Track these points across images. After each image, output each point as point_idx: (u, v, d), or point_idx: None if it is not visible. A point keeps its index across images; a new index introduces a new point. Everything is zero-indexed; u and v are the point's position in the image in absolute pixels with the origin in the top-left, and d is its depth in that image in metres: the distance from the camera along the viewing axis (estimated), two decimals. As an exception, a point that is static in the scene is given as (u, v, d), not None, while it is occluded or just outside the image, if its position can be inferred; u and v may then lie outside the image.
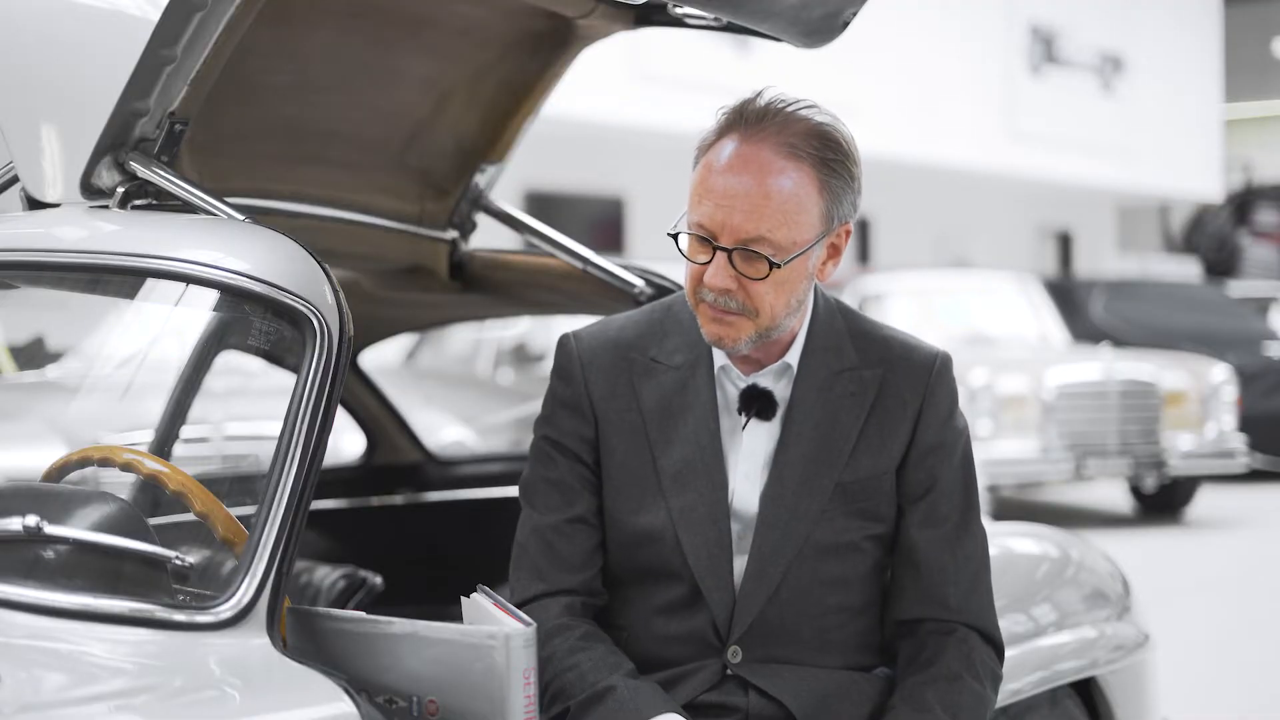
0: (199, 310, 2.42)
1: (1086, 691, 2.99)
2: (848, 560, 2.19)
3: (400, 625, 1.99)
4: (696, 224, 2.11)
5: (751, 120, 2.11)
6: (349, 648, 2.01)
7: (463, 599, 2.05)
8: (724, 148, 2.11)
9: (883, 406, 2.21)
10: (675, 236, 2.14)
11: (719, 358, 2.22)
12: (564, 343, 2.27)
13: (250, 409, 4.09)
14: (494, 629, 1.92)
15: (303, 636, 2.03)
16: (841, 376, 2.21)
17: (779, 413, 2.20)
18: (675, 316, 2.27)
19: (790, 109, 2.12)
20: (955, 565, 2.22)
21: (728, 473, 2.19)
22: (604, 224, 16.20)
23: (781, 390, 2.21)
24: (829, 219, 2.14)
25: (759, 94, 2.14)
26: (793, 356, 2.21)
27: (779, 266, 2.09)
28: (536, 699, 1.93)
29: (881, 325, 2.30)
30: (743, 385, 2.21)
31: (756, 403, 2.19)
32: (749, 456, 2.20)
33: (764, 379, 2.21)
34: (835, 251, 2.19)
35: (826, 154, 2.11)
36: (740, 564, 2.17)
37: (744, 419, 2.20)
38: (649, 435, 2.20)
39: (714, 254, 2.10)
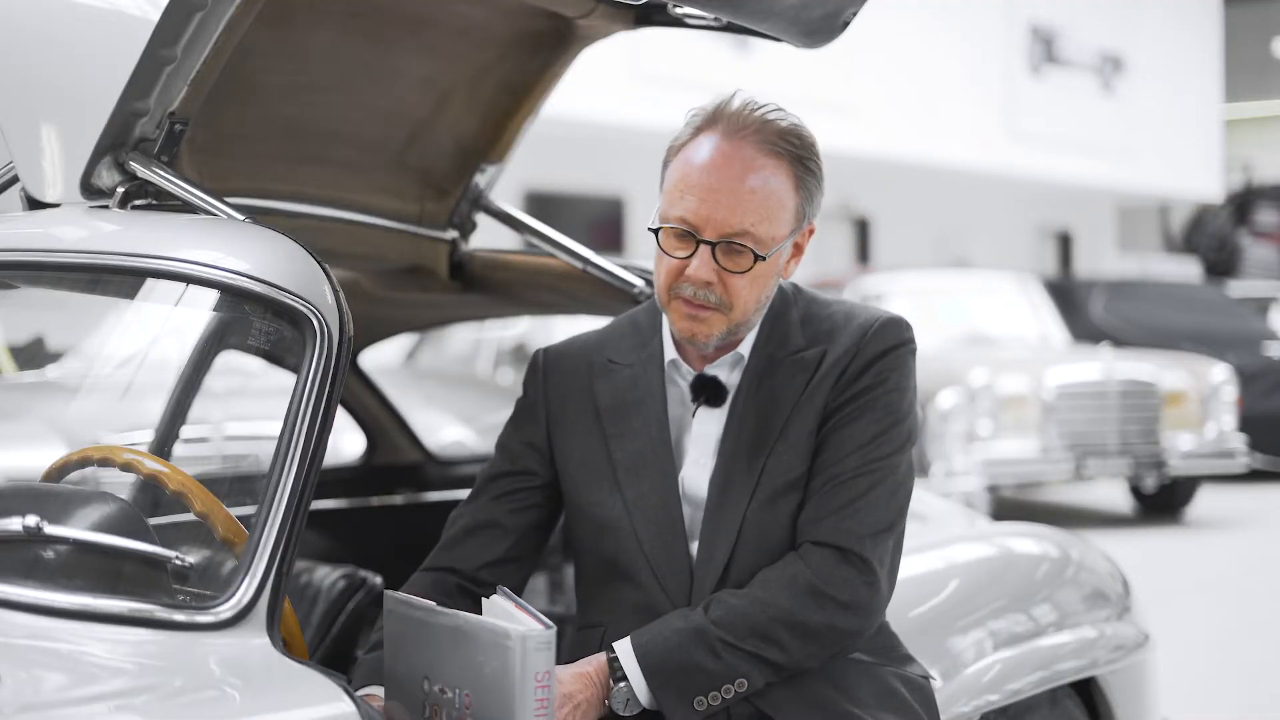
0: (199, 310, 2.42)
1: (1086, 691, 3.00)
2: (792, 533, 2.20)
3: (448, 617, 2.00)
4: (679, 218, 2.16)
5: (731, 119, 2.18)
6: (416, 634, 2.02)
7: (483, 599, 2.05)
8: (702, 145, 2.17)
9: (819, 377, 2.23)
10: (656, 232, 2.19)
11: (668, 353, 2.28)
12: (534, 356, 2.39)
13: (250, 409, 4.09)
14: (510, 628, 1.93)
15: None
16: (785, 362, 2.25)
17: (728, 400, 2.25)
18: (635, 321, 2.38)
19: (763, 110, 2.19)
20: (823, 493, 2.17)
21: (680, 461, 2.25)
22: (604, 224, 16.20)
23: (733, 380, 2.26)
24: (800, 217, 2.22)
25: (733, 95, 2.21)
26: (745, 347, 2.27)
27: (763, 259, 2.15)
28: (551, 701, 1.93)
29: (832, 302, 2.32)
30: (691, 377, 2.26)
31: (705, 390, 2.25)
32: (699, 443, 2.25)
33: (717, 369, 2.26)
34: (798, 250, 2.26)
35: (802, 153, 2.19)
36: (695, 548, 2.22)
37: (694, 407, 2.25)
38: (604, 431, 2.28)
39: (695, 248, 2.15)
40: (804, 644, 2.12)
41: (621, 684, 2.09)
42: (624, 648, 2.10)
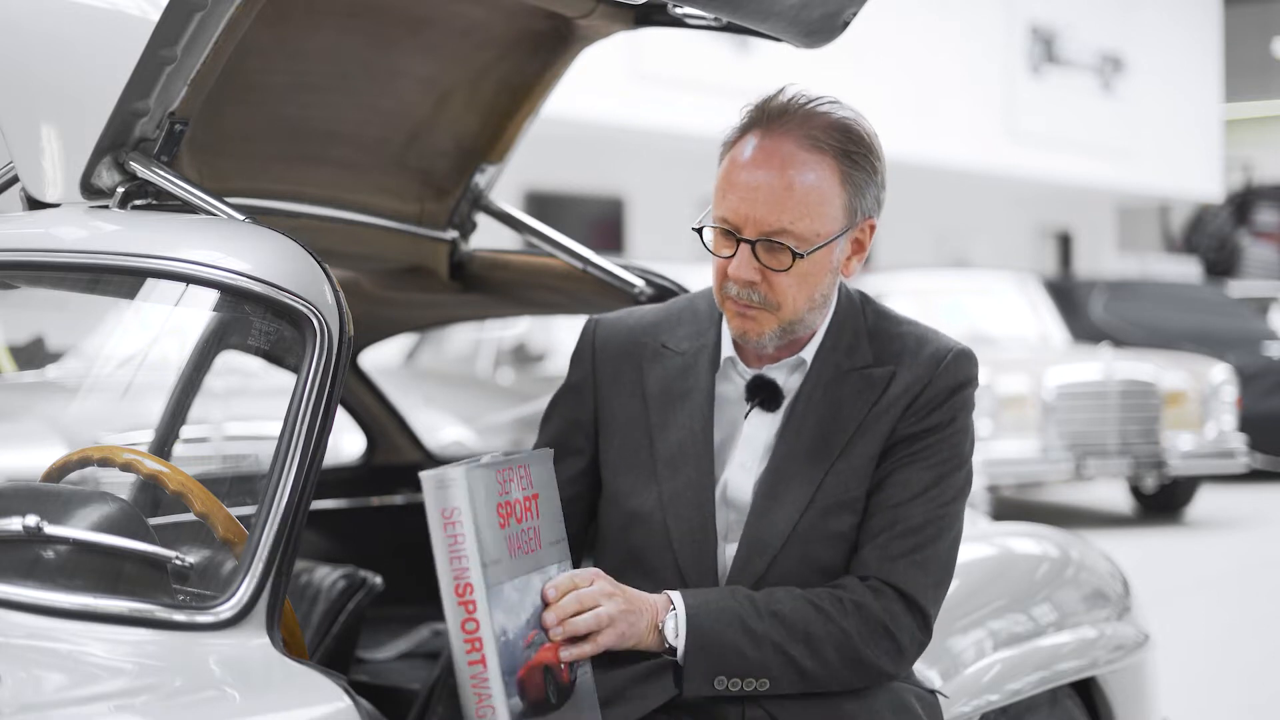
0: (199, 310, 2.42)
1: (1086, 691, 2.99)
2: (837, 551, 2.18)
3: None
4: (720, 218, 2.14)
5: (774, 115, 2.15)
6: None
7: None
8: (747, 143, 2.14)
9: (886, 399, 2.19)
10: (700, 231, 2.17)
11: (727, 348, 2.24)
12: (585, 327, 2.35)
13: (250, 409, 4.09)
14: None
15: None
16: (851, 375, 2.21)
17: (784, 405, 2.21)
18: (694, 307, 2.33)
19: (811, 104, 2.16)
20: (891, 534, 2.15)
21: (723, 460, 2.21)
22: (604, 224, 16.20)
23: (793, 384, 2.22)
24: (852, 212, 2.17)
25: (781, 90, 2.17)
26: (808, 352, 2.23)
27: (801, 257, 2.12)
28: (466, 539, 1.91)
29: (905, 321, 2.28)
30: (749, 376, 2.22)
31: (761, 393, 2.21)
32: (747, 445, 2.21)
33: (775, 372, 2.22)
34: (859, 247, 2.21)
35: (849, 146, 2.15)
36: (730, 551, 2.19)
37: (747, 407, 2.22)
38: (649, 419, 2.24)
39: (738, 247, 2.12)
40: (844, 671, 2.10)
41: (671, 610, 2.07)
42: (676, 596, 2.08)
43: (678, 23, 2.83)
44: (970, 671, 2.70)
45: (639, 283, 2.94)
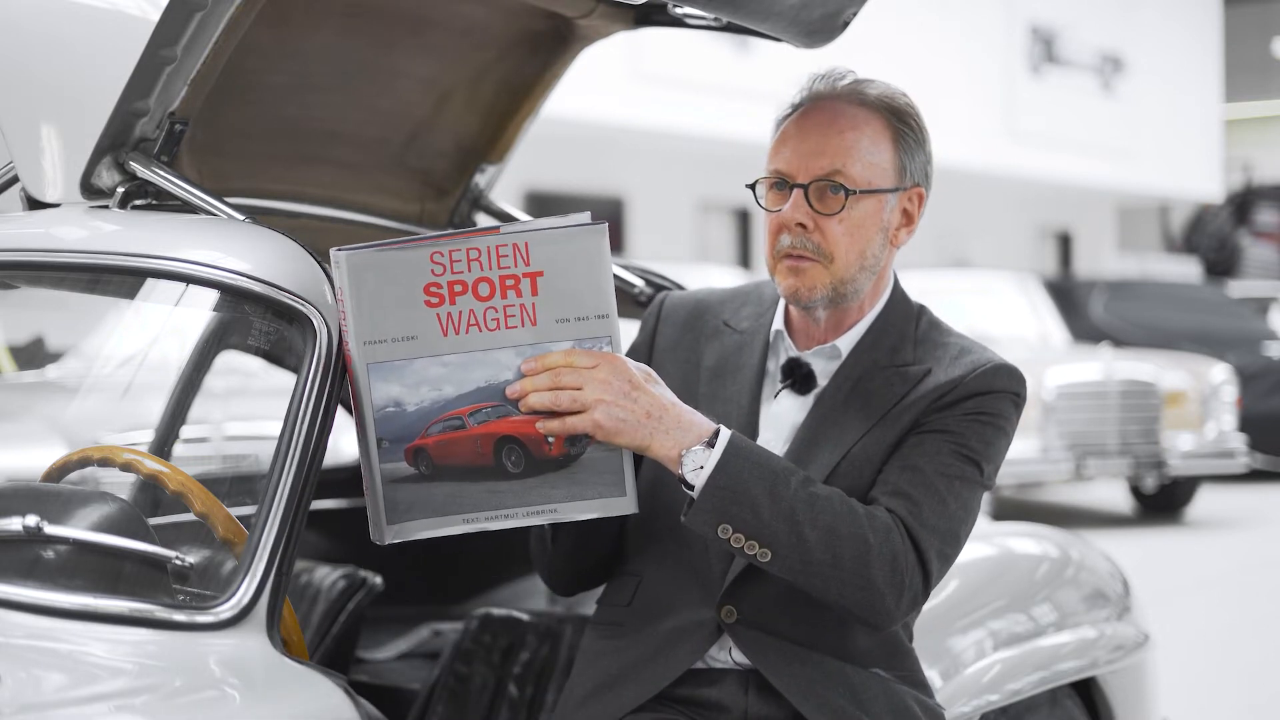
0: (199, 310, 2.42)
1: (1086, 691, 3.00)
2: None
3: None
4: (774, 170, 2.19)
5: (825, 82, 2.23)
6: None
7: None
8: (800, 108, 2.22)
9: (915, 394, 2.19)
10: (754, 187, 2.21)
11: (777, 322, 2.27)
12: (657, 297, 2.41)
13: (250, 409, 4.09)
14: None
15: None
16: (886, 370, 2.21)
17: (815, 392, 2.22)
18: (760, 290, 2.37)
19: (859, 79, 2.24)
20: (901, 481, 2.12)
21: (751, 435, 2.21)
22: (604, 224, 16.17)
23: (828, 372, 2.24)
24: (902, 171, 2.21)
25: (831, 70, 2.26)
26: (845, 342, 2.24)
27: (853, 193, 2.14)
28: (348, 319, 1.93)
29: (954, 333, 2.28)
30: (790, 355, 2.24)
31: (793, 375, 2.23)
32: (772, 425, 2.23)
33: (814, 357, 2.23)
34: (909, 219, 2.24)
35: (897, 109, 2.21)
36: None
37: (779, 388, 2.23)
38: (699, 389, 2.26)
39: (791, 195, 2.16)
40: (849, 579, 2.04)
41: (707, 451, 2.02)
42: (725, 433, 2.04)
43: (678, 23, 2.84)
44: (970, 671, 2.70)
45: (639, 283, 2.94)
